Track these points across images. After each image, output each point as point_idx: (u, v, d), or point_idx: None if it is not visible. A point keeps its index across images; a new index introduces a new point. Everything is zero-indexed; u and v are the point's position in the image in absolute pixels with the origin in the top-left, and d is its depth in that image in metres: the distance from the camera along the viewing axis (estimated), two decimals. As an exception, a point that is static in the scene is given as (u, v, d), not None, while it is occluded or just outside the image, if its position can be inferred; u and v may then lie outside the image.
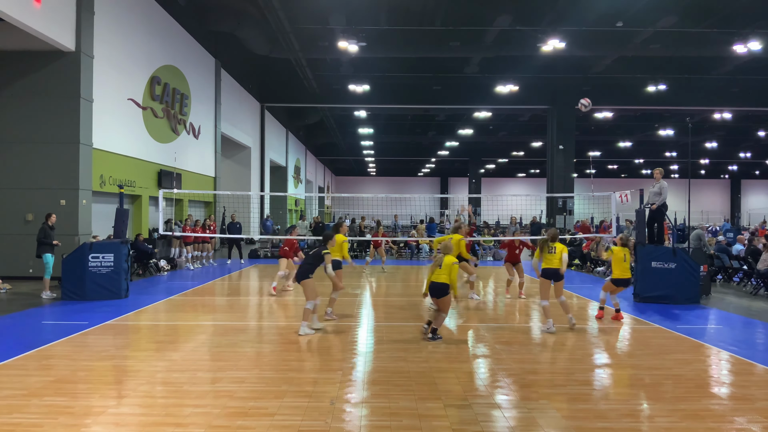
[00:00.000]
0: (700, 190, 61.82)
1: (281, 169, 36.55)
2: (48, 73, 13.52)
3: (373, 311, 10.61)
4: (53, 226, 11.82)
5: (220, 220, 22.73)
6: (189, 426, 4.89)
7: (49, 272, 11.56)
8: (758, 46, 20.24)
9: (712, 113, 33.35)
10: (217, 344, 7.82)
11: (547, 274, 9.00)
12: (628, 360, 7.25)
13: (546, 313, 8.93)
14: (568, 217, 28.67)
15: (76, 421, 4.97)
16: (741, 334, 8.84)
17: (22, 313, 10.05)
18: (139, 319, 9.65)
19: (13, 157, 13.66)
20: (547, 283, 9.00)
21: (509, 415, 5.26)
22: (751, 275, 13.84)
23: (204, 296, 12.28)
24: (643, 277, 11.77)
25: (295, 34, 20.86)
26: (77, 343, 7.78)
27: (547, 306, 8.95)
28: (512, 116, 37.01)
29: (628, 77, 27.06)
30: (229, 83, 25.39)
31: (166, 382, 6.11)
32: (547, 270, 8.99)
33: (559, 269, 8.94)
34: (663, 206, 12.25)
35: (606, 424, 5.05)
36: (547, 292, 9.00)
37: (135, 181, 16.63)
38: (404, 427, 4.93)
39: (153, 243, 16.67)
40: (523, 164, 60.29)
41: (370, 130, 41.56)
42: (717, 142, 43.68)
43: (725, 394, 5.93)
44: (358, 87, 27.05)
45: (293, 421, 5.01)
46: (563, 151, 28.86)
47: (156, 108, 17.98)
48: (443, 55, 23.81)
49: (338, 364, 6.86)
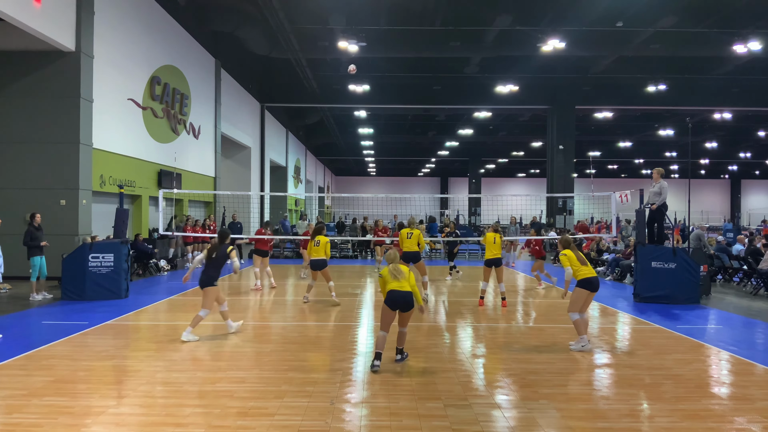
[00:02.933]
0: (700, 190, 61.83)
1: (281, 169, 36.55)
2: (48, 73, 13.52)
3: (374, 311, 10.61)
4: (40, 226, 11.62)
5: (220, 220, 22.72)
6: (189, 426, 4.89)
7: (36, 275, 11.43)
8: (758, 46, 20.24)
9: (712, 113, 33.35)
10: (217, 344, 7.82)
11: (585, 284, 7.75)
12: (628, 360, 7.25)
13: (579, 329, 7.76)
14: (568, 217, 28.67)
15: (76, 421, 4.97)
16: (741, 334, 8.84)
17: (22, 313, 10.05)
18: (139, 319, 9.65)
19: (13, 157, 13.66)
20: (585, 293, 7.77)
21: (509, 415, 5.26)
22: (751, 275, 13.84)
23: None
24: (643, 277, 11.77)
25: (295, 34, 20.86)
26: (77, 343, 7.78)
27: (578, 320, 7.77)
28: (512, 116, 37.00)
29: (628, 77, 27.04)
30: (229, 83, 25.39)
31: (166, 382, 6.11)
32: (586, 279, 7.74)
33: (596, 277, 7.87)
34: (663, 206, 12.25)
35: (606, 424, 5.05)
36: (579, 304, 7.78)
37: (135, 181, 16.63)
38: (404, 427, 4.93)
39: (153, 243, 16.67)
40: (523, 164, 60.28)
41: (370, 130, 41.56)
42: (717, 142, 43.67)
43: (725, 394, 5.93)
44: (358, 87, 27.05)
45: (293, 421, 5.01)
46: (563, 151, 28.85)
47: (156, 108, 17.98)
48: (443, 55, 23.80)
49: (338, 364, 6.86)
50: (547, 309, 11.13)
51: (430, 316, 10.28)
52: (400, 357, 6.97)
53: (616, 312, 10.76)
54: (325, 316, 10.09)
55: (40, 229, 11.64)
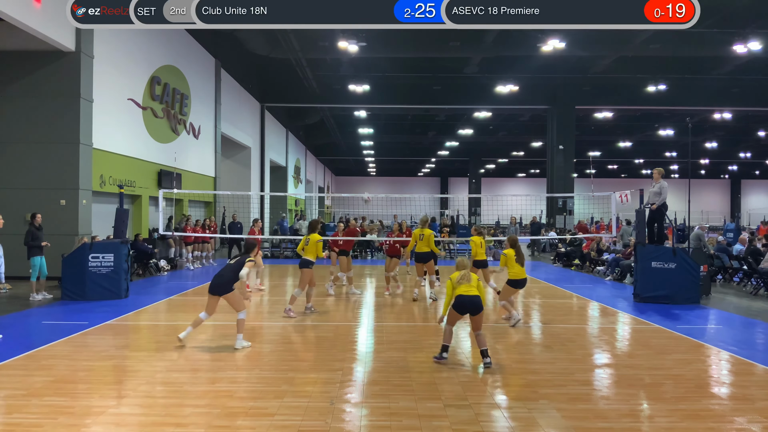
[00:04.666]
0: (700, 190, 61.80)
1: (281, 169, 36.55)
2: (48, 73, 13.52)
3: (374, 312, 10.61)
4: (40, 226, 11.63)
5: (220, 220, 22.73)
6: (189, 426, 4.89)
7: (36, 275, 11.43)
8: (758, 46, 20.24)
9: (712, 113, 33.35)
10: (217, 344, 7.82)
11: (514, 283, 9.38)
12: (628, 360, 7.25)
13: (509, 310, 9.43)
14: (568, 217, 28.68)
15: (76, 421, 4.96)
16: (741, 334, 8.84)
17: (22, 313, 10.05)
18: (139, 319, 9.65)
19: (14, 157, 13.65)
20: (512, 290, 9.51)
21: (509, 415, 5.26)
22: (752, 275, 13.84)
23: (204, 296, 12.23)
24: (643, 277, 11.76)
25: (295, 34, 20.85)
26: (77, 343, 7.78)
27: (506, 304, 9.43)
28: (512, 116, 37.00)
29: (628, 77, 27.04)
30: (229, 83, 25.38)
31: (166, 382, 6.10)
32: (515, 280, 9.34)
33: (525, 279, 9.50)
34: (663, 206, 12.25)
35: (606, 424, 5.05)
36: (509, 296, 9.50)
37: (135, 181, 16.63)
38: (404, 427, 4.93)
39: (153, 243, 16.67)
40: (523, 164, 60.28)
41: (370, 130, 41.56)
42: (717, 142, 43.67)
43: (725, 394, 5.93)
44: (358, 87, 27.05)
45: (293, 421, 5.01)
46: (563, 151, 28.86)
47: (156, 108, 17.98)
48: (443, 55, 23.81)
49: (338, 364, 6.85)
50: (547, 309, 11.12)
51: (429, 315, 10.28)
52: (488, 360, 6.77)
53: (616, 312, 10.76)
54: (325, 316, 10.08)
55: (41, 229, 11.64)
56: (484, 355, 6.80)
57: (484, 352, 6.82)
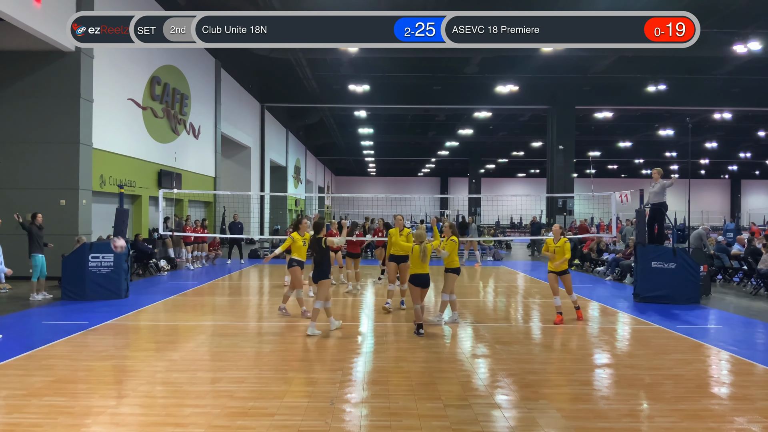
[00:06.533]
0: (700, 190, 61.80)
1: (281, 169, 36.55)
2: (48, 73, 13.52)
3: (374, 312, 10.61)
4: (41, 225, 11.64)
5: (220, 220, 22.74)
6: (189, 426, 4.89)
7: (37, 274, 11.44)
8: (758, 46, 20.22)
9: (712, 113, 33.34)
10: (217, 344, 7.82)
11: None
12: (628, 360, 7.25)
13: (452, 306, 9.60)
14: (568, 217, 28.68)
15: (76, 421, 4.97)
16: (741, 334, 8.84)
17: (22, 313, 10.06)
18: (139, 319, 9.64)
19: (13, 157, 13.66)
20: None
21: (509, 415, 5.26)
22: (751, 275, 13.84)
23: (204, 296, 12.28)
24: (643, 277, 11.76)
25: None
26: (77, 343, 7.78)
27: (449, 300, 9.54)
28: (512, 116, 36.98)
29: (628, 77, 27.02)
30: (229, 83, 25.39)
31: (166, 382, 6.10)
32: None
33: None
34: (663, 206, 12.25)
35: (606, 424, 5.05)
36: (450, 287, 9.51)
37: (135, 181, 16.63)
38: (404, 427, 4.93)
39: (153, 243, 16.67)
40: (523, 164, 60.27)
41: (370, 130, 41.54)
42: (717, 142, 43.67)
43: (725, 394, 5.93)
44: (358, 87, 27.04)
45: (293, 421, 5.01)
46: (563, 151, 28.85)
47: (156, 108, 17.98)
48: (443, 55, 23.78)
49: (338, 364, 6.86)
50: (547, 309, 11.12)
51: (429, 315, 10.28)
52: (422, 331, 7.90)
53: (616, 312, 10.76)
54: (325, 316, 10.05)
55: (42, 229, 11.66)
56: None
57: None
